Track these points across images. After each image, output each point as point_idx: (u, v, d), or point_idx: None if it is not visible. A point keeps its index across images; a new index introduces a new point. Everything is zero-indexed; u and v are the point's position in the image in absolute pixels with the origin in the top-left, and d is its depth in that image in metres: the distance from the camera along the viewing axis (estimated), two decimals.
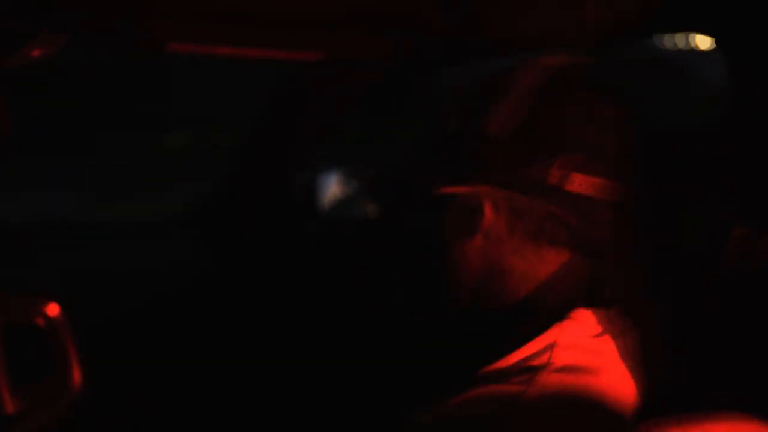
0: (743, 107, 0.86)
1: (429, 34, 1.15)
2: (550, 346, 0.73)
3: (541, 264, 0.78)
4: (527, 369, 0.72)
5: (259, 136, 1.77)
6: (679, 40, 3.64)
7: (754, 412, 0.58)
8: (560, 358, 0.72)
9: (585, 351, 0.73)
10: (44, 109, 3.91)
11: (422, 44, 1.23)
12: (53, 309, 0.82)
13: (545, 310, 0.76)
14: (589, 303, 0.77)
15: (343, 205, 1.83)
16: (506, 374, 0.72)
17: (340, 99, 1.64)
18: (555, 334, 0.74)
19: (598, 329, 0.76)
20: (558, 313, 0.76)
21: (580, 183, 0.74)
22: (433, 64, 1.50)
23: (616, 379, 0.73)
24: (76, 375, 0.81)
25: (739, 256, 0.80)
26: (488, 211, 0.78)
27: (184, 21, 0.98)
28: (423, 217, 0.88)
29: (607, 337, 0.76)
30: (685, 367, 0.77)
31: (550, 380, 0.70)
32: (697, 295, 0.80)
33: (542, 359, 0.72)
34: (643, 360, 0.77)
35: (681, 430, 0.56)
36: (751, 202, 0.84)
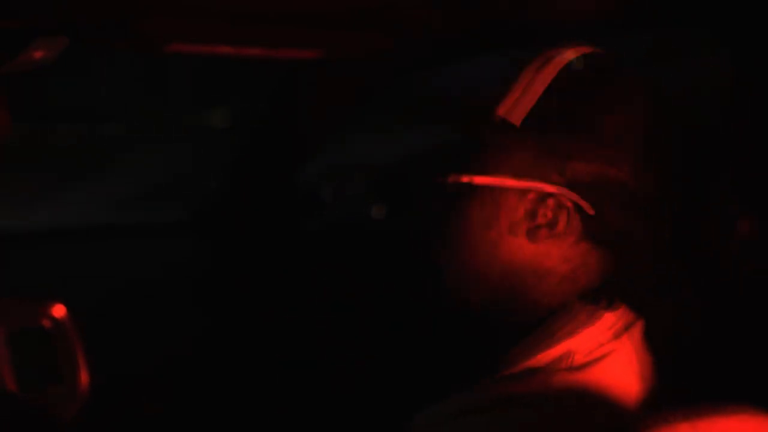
0: (745, 99, 0.86)
1: (426, 31, 1.15)
2: (569, 354, 0.72)
3: (565, 263, 0.76)
4: (544, 371, 0.72)
5: (258, 137, 1.77)
6: None
7: (763, 406, 0.58)
8: (578, 362, 0.72)
9: (601, 353, 0.73)
10: None
11: (420, 42, 1.23)
12: (59, 311, 0.82)
13: (564, 314, 0.75)
14: (603, 300, 0.75)
15: (344, 205, 1.82)
16: (521, 377, 0.72)
17: (339, 98, 1.64)
18: (575, 343, 0.73)
19: (614, 330, 0.75)
20: (576, 316, 0.74)
21: (609, 175, 0.72)
22: (431, 62, 1.50)
23: (625, 375, 0.73)
24: (84, 376, 0.82)
25: (744, 249, 0.80)
26: (537, 206, 0.74)
27: (181, 20, 0.98)
28: (433, 213, 0.81)
29: (622, 337, 0.75)
30: (692, 360, 0.77)
31: (565, 380, 0.70)
32: (703, 288, 0.80)
33: (561, 364, 0.72)
34: (651, 352, 0.77)
35: (689, 423, 0.56)
36: (756, 195, 0.84)
